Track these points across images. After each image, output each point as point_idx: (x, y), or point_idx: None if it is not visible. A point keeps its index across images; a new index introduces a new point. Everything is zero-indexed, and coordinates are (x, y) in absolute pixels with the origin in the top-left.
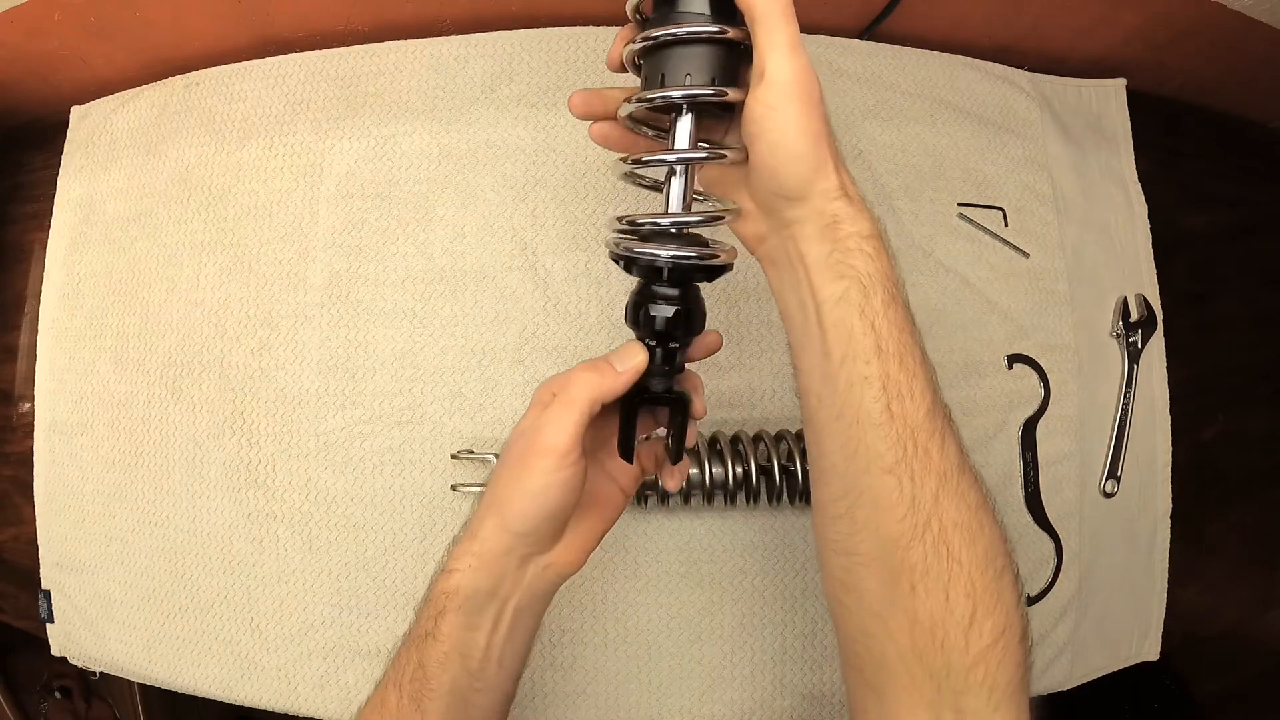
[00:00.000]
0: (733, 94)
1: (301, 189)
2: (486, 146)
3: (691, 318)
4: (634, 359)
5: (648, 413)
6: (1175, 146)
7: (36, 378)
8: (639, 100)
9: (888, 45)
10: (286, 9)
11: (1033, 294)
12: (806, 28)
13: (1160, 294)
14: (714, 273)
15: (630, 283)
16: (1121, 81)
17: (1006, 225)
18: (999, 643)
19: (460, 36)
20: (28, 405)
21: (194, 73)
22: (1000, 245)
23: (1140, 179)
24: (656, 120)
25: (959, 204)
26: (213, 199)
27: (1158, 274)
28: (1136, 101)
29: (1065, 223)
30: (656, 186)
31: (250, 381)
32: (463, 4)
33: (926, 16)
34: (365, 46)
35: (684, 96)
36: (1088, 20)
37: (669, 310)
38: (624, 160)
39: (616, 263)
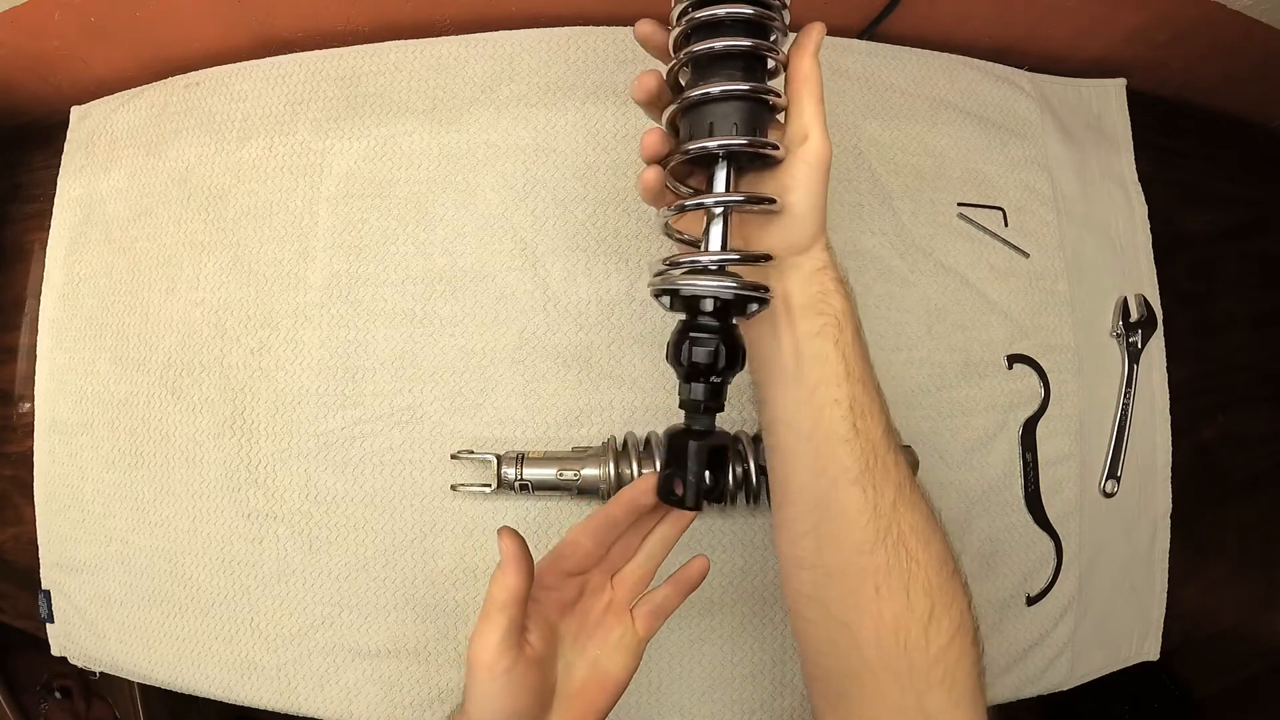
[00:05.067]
0: (775, 150)
1: (301, 189)
2: (486, 146)
3: (733, 351)
4: (502, 549)
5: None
6: (1175, 146)
7: (36, 378)
8: (684, 151)
9: (888, 45)
10: (286, 9)
11: (1033, 294)
12: None
13: (1160, 294)
14: (755, 306)
15: (642, 304)
16: (1121, 81)
17: (1006, 225)
18: (955, 640)
19: (460, 36)
20: (28, 405)
21: (194, 73)
22: (1000, 245)
23: (1140, 179)
24: (691, 180)
25: (959, 204)
26: (213, 199)
27: (1158, 274)
28: (1136, 101)
29: (1065, 223)
30: (694, 242)
31: (250, 381)
32: (463, 4)
33: (926, 16)
34: (365, 46)
35: (720, 146)
36: (1088, 20)
37: (710, 344)
38: (667, 209)
39: (659, 298)
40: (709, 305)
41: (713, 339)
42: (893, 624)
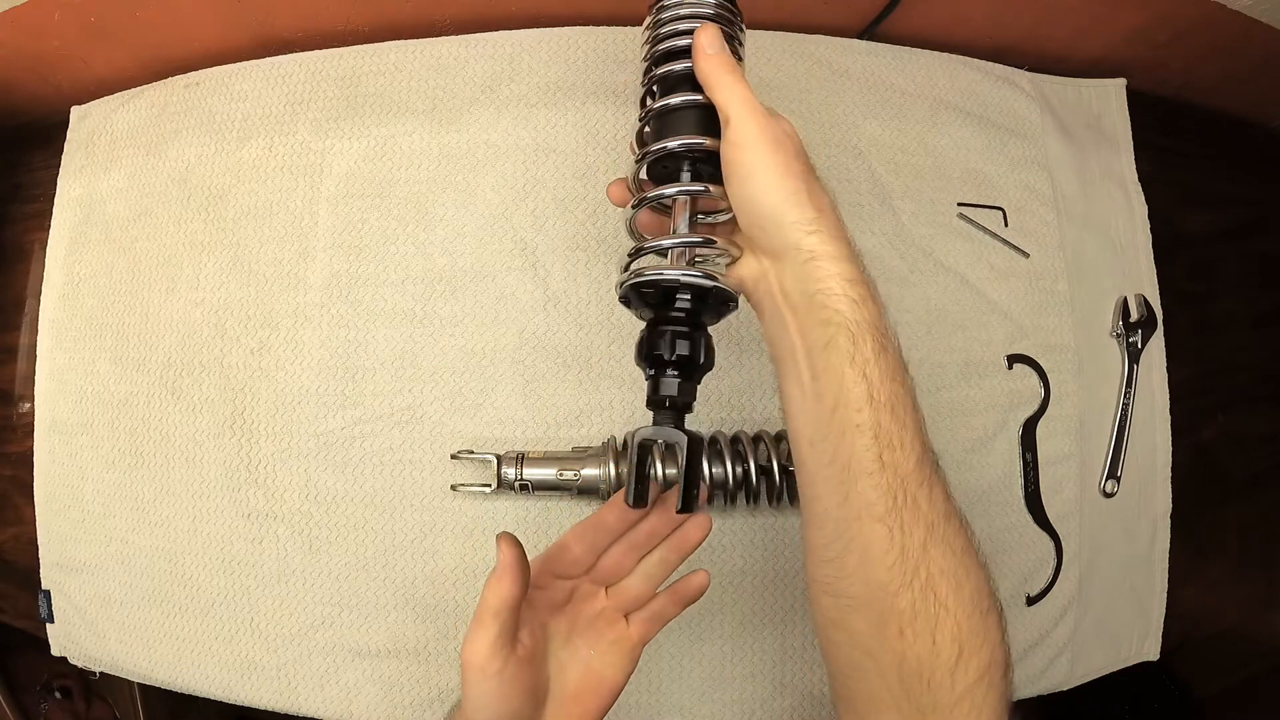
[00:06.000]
0: (709, 143)
1: (301, 189)
2: (486, 146)
3: (699, 345)
4: (500, 556)
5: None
6: (1175, 146)
7: (36, 378)
8: (640, 159)
9: (888, 45)
10: (286, 9)
11: (1033, 294)
12: (806, 28)
13: (1160, 294)
14: (720, 303)
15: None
16: (1121, 81)
17: (1006, 225)
18: (983, 680)
19: (460, 36)
20: (28, 405)
21: (194, 73)
22: (1000, 245)
23: (1140, 179)
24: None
25: (959, 204)
26: (213, 199)
27: (1158, 274)
28: (1136, 101)
29: (1065, 223)
30: (660, 252)
31: (250, 381)
32: (463, 4)
33: (926, 16)
34: (365, 46)
35: (661, 147)
36: (1088, 20)
37: (677, 338)
38: (630, 205)
39: (627, 304)
40: (673, 297)
41: (680, 331)
42: (916, 665)
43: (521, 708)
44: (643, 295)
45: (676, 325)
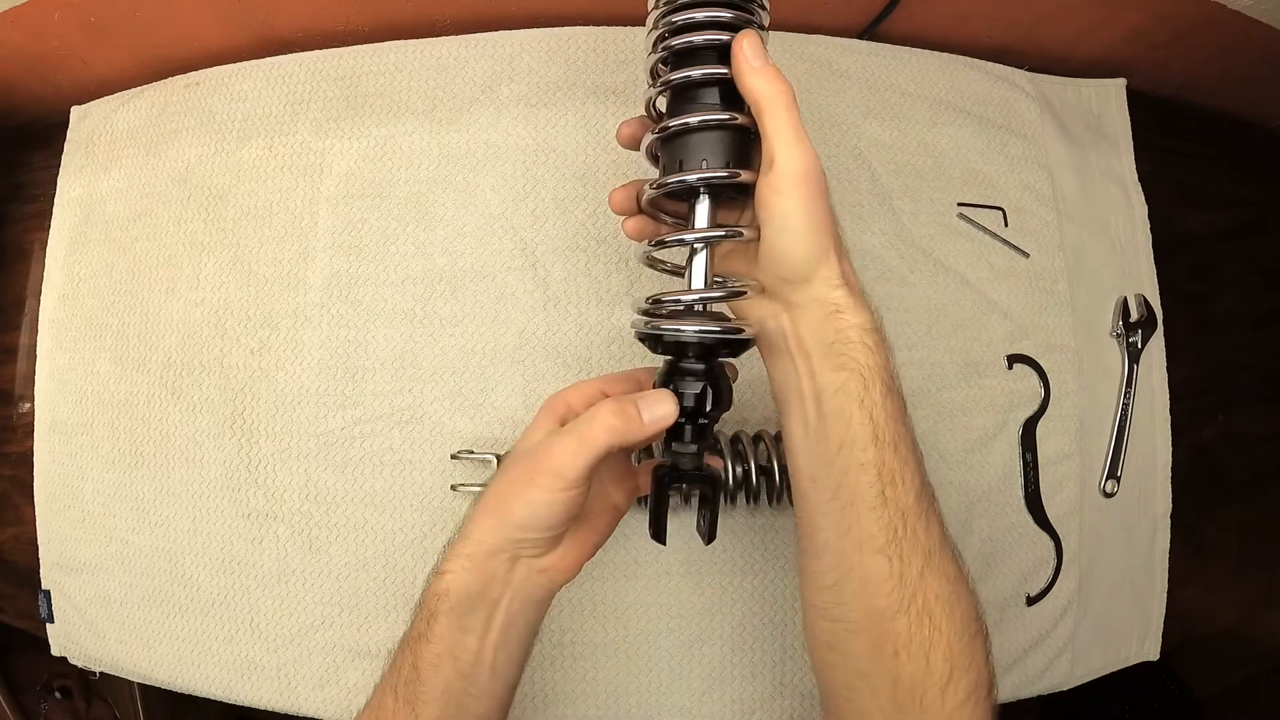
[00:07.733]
0: (745, 175)
1: (301, 189)
2: (486, 146)
3: (719, 393)
4: (660, 409)
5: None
6: (1175, 146)
7: (36, 378)
8: (659, 185)
9: (888, 45)
10: (286, 9)
11: (1033, 294)
12: (806, 28)
13: (1160, 294)
14: (738, 348)
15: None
16: (1121, 81)
17: (1006, 225)
18: (971, 698)
19: (460, 36)
20: (28, 405)
21: (194, 73)
22: (1000, 245)
23: (1140, 179)
24: (675, 209)
25: (959, 204)
26: (213, 199)
27: (1158, 274)
28: (1136, 101)
29: (1065, 223)
30: (677, 271)
31: (250, 381)
32: (463, 4)
33: (926, 16)
34: (365, 46)
35: (700, 180)
36: (1088, 20)
37: (697, 387)
38: (648, 243)
39: (643, 342)
40: (693, 349)
41: (698, 382)
42: (909, 685)
43: (573, 517)
44: (658, 342)
45: (694, 375)
